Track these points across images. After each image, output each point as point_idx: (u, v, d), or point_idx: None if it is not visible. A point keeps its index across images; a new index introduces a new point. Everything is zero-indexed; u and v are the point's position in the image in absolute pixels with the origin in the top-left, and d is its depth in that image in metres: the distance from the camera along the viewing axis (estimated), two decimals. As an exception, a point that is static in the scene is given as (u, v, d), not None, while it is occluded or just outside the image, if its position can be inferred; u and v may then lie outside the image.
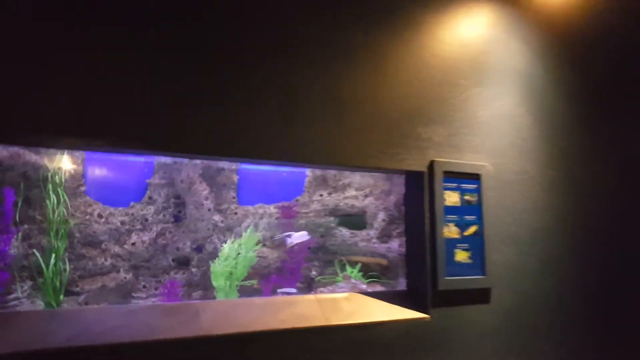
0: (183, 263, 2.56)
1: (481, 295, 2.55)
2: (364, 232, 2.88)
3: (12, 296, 2.08)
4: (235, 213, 2.81)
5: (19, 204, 2.12)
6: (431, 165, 2.49)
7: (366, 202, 2.90)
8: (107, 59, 1.78)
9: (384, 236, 2.76)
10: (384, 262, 2.72)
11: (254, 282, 2.60)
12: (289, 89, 2.17)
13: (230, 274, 2.50)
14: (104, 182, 2.52)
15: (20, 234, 2.13)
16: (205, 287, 2.53)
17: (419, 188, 2.51)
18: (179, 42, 1.93)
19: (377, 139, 2.38)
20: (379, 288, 2.63)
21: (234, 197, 2.83)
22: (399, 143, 2.45)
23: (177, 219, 2.63)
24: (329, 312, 2.11)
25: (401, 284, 2.57)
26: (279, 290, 2.63)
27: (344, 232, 2.89)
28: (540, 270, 2.82)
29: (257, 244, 2.67)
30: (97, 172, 2.49)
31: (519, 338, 2.66)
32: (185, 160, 2.63)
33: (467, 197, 2.55)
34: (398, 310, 2.24)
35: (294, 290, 2.64)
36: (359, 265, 2.76)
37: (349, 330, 2.05)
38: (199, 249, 2.62)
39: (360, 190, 2.91)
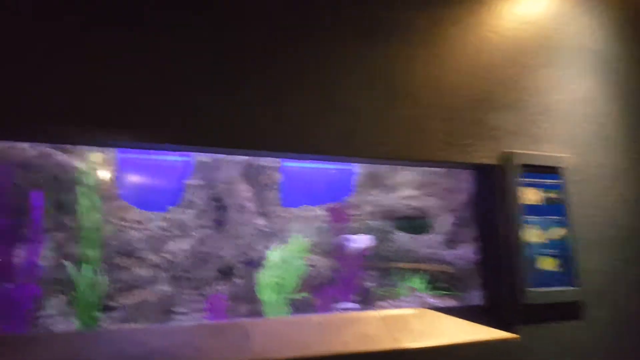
0: (226, 273, 2.36)
1: (572, 310, 2.22)
2: (426, 237, 2.60)
3: (43, 313, 1.92)
4: (280, 216, 2.60)
5: (49, 209, 1.96)
6: (505, 157, 2.19)
7: (427, 202, 2.63)
8: (130, 51, 1.60)
9: (452, 241, 2.48)
10: (451, 271, 2.43)
11: (306, 294, 2.37)
12: (334, 73, 1.92)
13: (279, 285, 2.28)
14: (140, 185, 2.36)
15: (50, 242, 1.96)
16: (251, 300, 2.33)
17: (490, 184, 2.21)
18: (208, 28, 1.72)
19: (438, 129, 2.10)
20: (449, 302, 2.35)
21: (277, 199, 2.62)
22: (466, 132, 2.16)
23: (218, 223, 2.44)
24: (397, 331, 1.85)
25: (474, 297, 2.27)
26: (337, 306, 2.38)
27: (403, 236, 2.63)
28: None
29: (306, 251, 2.44)
30: (132, 173, 2.32)
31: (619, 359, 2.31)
32: (226, 158, 2.43)
33: (549, 195, 2.24)
34: (478, 329, 1.95)
35: (354, 305, 2.39)
36: (423, 276, 2.48)
37: (422, 354, 1.78)
38: (243, 257, 2.41)
39: (419, 188, 2.64)
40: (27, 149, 1.94)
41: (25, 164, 1.95)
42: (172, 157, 2.44)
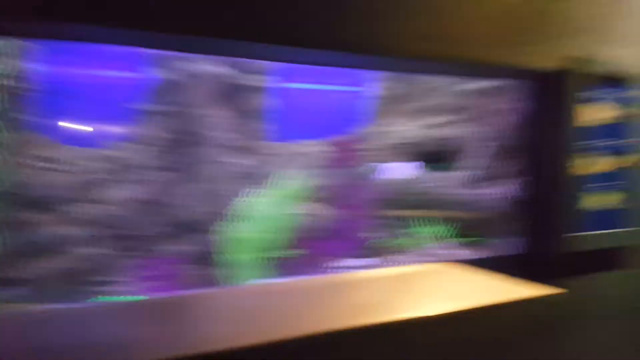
0: (186, 229, 2.04)
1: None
2: (452, 174, 2.21)
3: None
4: (266, 154, 2.23)
5: None
6: (568, 62, 1.75)
7: (458, 131, 2.20)
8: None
9: (487, 179, 2.07)
10: (482, 215, 2.04)
11: (296, 252, 2.03)
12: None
13: (259, 242, 1.93)
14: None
15: None
16: (218, 264, 2.02)
17: (544, 99, 1.80)
18: None
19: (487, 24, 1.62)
20: (478, 253, 2.00)
21: (262, 131, 2.24)
22: (521, 28, 1.67)
23: (181, 164, 2.09)
24: (412, 295, 1.50)
25: (511, 246, 1.90)
26: (335, 265, 2.05)
27: (426, 175, 2.24)
28: None
29: (298, 197, 2.07)
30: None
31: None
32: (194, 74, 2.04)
33: (623, 112, 1.83)
34: (517, 286, 1.60)
35: (358, 263, 2.06)
36: (446, 222, 2.11)
37: (450, 322, 1.41)
38: (210, 207, 2.07)
39: (450, 114, 2.22)
40: None
41: None
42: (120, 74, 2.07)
